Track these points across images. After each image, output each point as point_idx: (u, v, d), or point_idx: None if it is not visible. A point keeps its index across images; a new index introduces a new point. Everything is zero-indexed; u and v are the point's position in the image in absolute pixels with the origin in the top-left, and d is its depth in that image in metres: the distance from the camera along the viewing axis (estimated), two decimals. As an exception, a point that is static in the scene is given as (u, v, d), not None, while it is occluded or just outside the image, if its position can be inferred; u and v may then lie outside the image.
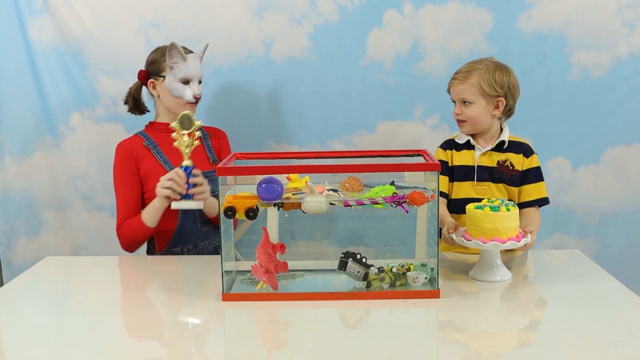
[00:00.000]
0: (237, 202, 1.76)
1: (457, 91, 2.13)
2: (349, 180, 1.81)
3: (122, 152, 2.28)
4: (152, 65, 2.31)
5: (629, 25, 2.60)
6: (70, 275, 2.10)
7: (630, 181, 2.70)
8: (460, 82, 2.12)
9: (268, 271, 1.75)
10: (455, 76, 2.15)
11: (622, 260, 2.72)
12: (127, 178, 2.26)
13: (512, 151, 2.15)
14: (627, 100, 2.65)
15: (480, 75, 2.09)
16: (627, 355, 1.41)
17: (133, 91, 2.38)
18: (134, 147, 2.28)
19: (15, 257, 2.86)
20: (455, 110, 2.15)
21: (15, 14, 2.69)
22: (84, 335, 1.58)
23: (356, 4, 2.64)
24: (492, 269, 1.83)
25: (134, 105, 2.39)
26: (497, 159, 2.14)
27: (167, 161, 2.27)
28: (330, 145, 2.73)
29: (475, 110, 2.11)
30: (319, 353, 1.46)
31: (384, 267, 1.80)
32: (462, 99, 2.13)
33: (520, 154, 2.15)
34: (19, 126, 2.76)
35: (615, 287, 1.80)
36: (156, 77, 2.29)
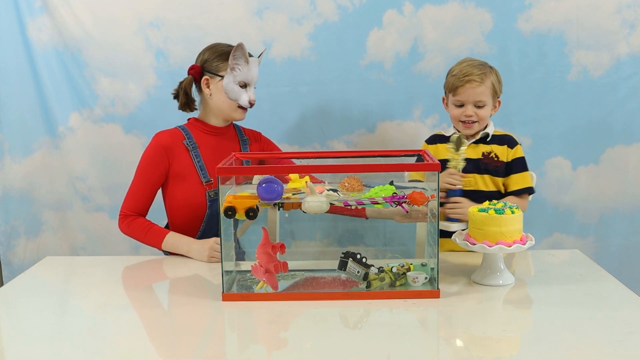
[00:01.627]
0: (237, 202, 1.75)
1: (475, 93, 2.13)
2: (348, 180, 1.80)
3: (158, 144, 2.18)
4: (208, 63, 2.21)
5: (629, 25, 2.60)
6: (70, 276, 2.09)
7: (630, 181, 2.70)
8: (479, 84, 2.13)
9: (268, 271, 1.75)
10: (471, 78, 2.13)
11: (622, 260, 2.73)
12: (152, 171, 2.17)
13: (496, 143, 2.20)
14: (627, 100, 2.65)
15: (492, 77, 2.16)
16: (627, 355, 1.41)
17: (185, 86, 2.24)
18: (172, 143, 2.18)
19: (15, 257, 2.86)
20: (468, 112, 2.15)
21: (15, 13, 2.69)
22: (84, 335, 1.57)
23: (356, 4, 2.64)
24: (495, 272, 1.82)
25: (186, 101, 2.25)
26: (482, 150, 2.19)
27: (203, 167, 2.20)
28: (330, 145, 2.73)
29: (487, 111, 2.17)
30: (319, 353, 1.45)
31: (384, 267, 1.80)
32: (477, 101, 2.14)
33: (504, 145, 2.19)
34: (19, 126, 2.77)
35: (615, 287, 1.80)
36: (213, 75, 2.20)
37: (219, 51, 2.22)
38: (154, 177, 2.18)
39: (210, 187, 2.19)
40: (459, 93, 2.15)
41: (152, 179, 2.18)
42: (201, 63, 2.23)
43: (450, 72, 2.21)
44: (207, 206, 2.18)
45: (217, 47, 2.24)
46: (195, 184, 2.18)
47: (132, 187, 2.19)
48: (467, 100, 2.15)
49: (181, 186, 2.17)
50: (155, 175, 2.17)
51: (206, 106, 2.26)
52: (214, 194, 2.18)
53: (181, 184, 2.18)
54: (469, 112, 2.15)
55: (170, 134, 2.22)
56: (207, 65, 2.22)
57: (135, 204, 2.17)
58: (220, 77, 2.19)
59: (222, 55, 2.20)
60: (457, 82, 2.15)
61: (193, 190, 2.18)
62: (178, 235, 2.14)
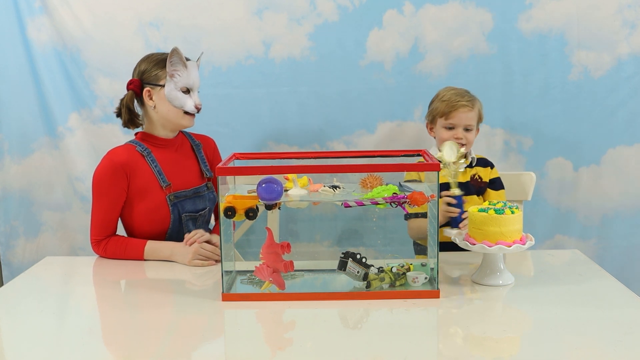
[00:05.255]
0: (237, 202, 1.75)
1: (466, 117, 2.27)
2: (369, 178, 1.81)
3: (114, 164, 2.09)
4: (146, 74, 2.14)
5: (630, 25, 2.60)
6: (69, 276, 2.09)
7: (631, 182, 2.69)
8: (470, 109, 2.28)
9: (276, 271, 1.75)
10: (463, 103, 2.27)
11: (624, 261, 2.72)
12: (113, 190, 2.10)
13: (480, 165, 2.37)
14: (628, 101, 2.64)
15: (478, 104, 2.32)
16: (627, 355, 1.40)
17: (127, 101, 2.15)
18: (127, 159, 2.11)
19: (14, 257, 2.86)
20: (458, 135, 2.26)
21: (14, 13, 2.69)
22: (83, 336, 1.57)
23: (356, 4, 2.63)
24: (495, 272, 1.82)
25: (130, 117, 2.16)
26: (469, 174, 2.33)
27: (160, 172, 2.14)
28: (330, 146, 2.73)
29: (474, 135, 2.32)
30: (318, 353, 1.45)
31: (383, 267, 1.80)
32: (467, 125, 2.28)
33: (488, 167, 2.37)
34: (18, 126, 2.77)
35: (615, 287, 1.80)
36: (153, 85, 2.13)
37: (155, 60, 2.15)
38: (116, 196, 2.11)
39: (169, 191, 2.15)
40: (451, 117, 2.27)
41: (115, 198, 2.11)
42: (139, 76, 2.15)
43: (439, 98, 2.33)
44: (170, 212, 2.15)
45: (152, 57, 2.17)
46: (156, 194, 2.14)
47: (96, 211, 2.12)
48: (458, 123, 2.27)
49: (143, 203, 2.13)
50: (116, 194, 2.11)
51: (151, 119, 2.18)
52: (174, 197, 2.15)
53: (143, 200, 2.13)
54: (460, 135, 2.26)
55: (124, 149, 2.15)
56: (145, 77, 2.14)
57: (106, 228, 2.12)
58: (161, 87, 2.12)
59: (159, 63, 2.14)
60: (449, 107, 2.27)
61: (156, 204, 2.14)
62: (156, 242, 2.11)
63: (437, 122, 2.32)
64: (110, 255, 2.12)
